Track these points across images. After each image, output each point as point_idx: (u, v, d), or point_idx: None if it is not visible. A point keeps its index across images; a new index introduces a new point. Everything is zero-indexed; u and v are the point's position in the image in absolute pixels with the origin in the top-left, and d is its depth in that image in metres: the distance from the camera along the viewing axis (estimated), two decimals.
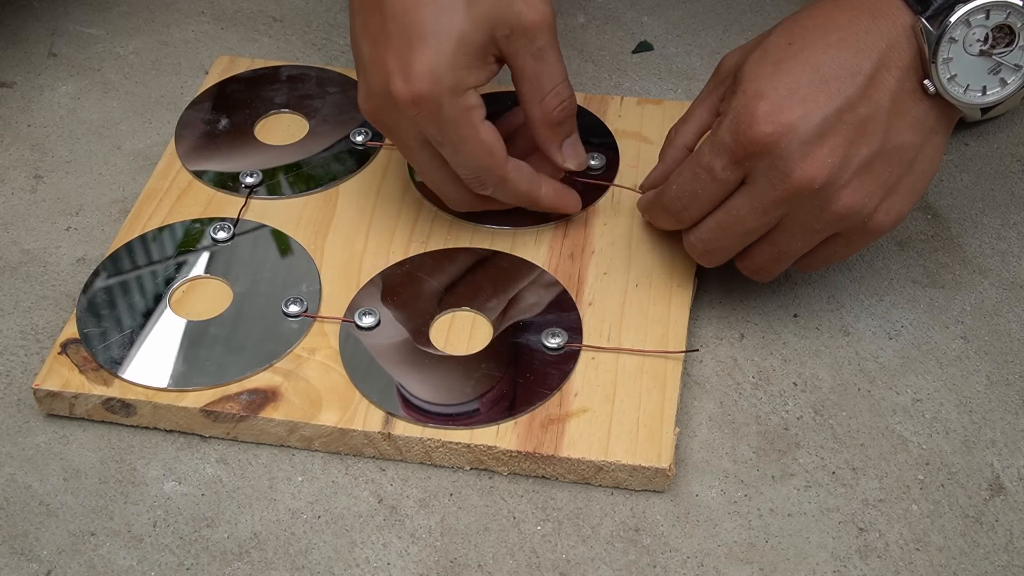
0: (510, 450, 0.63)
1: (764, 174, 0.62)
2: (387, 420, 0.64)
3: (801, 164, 0.61)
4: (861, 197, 0.62)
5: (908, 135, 0.62)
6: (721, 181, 0.63)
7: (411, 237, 0.73)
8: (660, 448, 0.63)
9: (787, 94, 0.61)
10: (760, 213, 0.63)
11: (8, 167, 0.80)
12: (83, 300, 0.69)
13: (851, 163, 0.61)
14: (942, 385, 0.68)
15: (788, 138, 0.61)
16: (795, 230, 0.64)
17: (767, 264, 0.67)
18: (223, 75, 0.83)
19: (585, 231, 0.73)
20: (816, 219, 0.63)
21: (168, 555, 0.61)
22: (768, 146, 0.61)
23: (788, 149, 0.61)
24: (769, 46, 0.63)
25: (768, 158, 0.61)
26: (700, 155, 0.64)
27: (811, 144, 0.61)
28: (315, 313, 0.69)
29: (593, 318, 0.69)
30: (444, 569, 0.61)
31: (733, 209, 0.64)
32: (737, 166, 0.62)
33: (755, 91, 0.61)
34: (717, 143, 0.63)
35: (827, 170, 0.61)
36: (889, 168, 0.62)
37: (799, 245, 0.65)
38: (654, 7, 0.92)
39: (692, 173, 0.65)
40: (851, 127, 0.61)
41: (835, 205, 0.62)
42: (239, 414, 0.65)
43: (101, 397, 0.65)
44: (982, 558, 0.61)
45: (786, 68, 0.61)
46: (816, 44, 0.61)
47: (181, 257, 0.72)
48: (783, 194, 0.62)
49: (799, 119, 0.60)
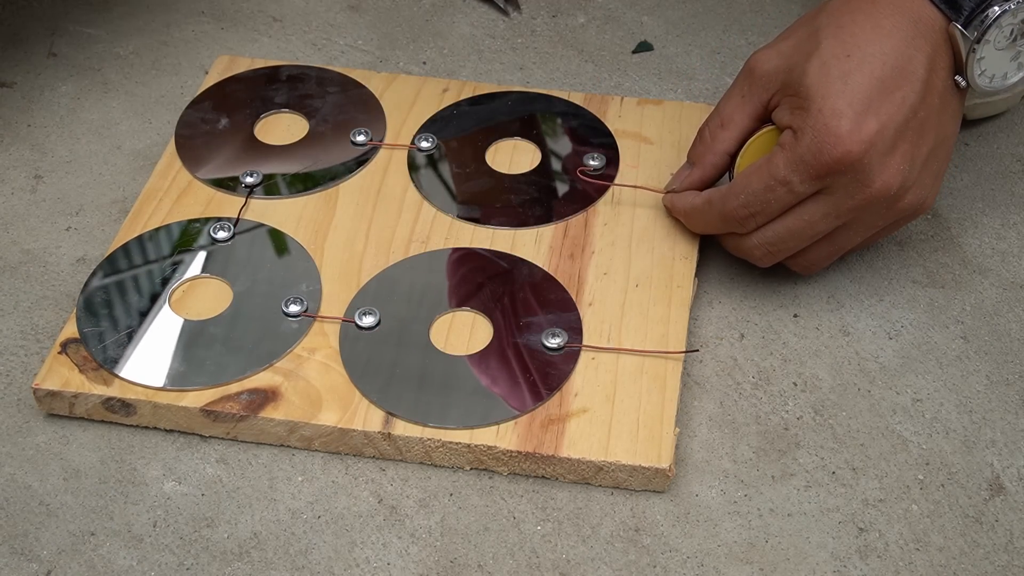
0: (510, 450, 0.63)
1: (844, 187, 0.65)
2: (387, 420, 0.64)
3: (881, 175, 0.64)
4: (922, 191, 0.67)
5: (950, 127, 0.67)
6: (797, 194, 0.66)
7: (411, 237, 0.73)
8: (660, 448, 0.63)
9: (862, 110, 0.63)
10: (833, 219, 0.66)
11: (8, 167, 0.80)
12: (83, 300, 0.69)
13: (916, 165, 0.65)
14: (942, 385, 0.68)
15: (870, 153, 0.63)
16: (859, 228, 0.67)
17: (822, 260, 0.70)
18: (223, 75, 0.83)
19: (585, 231, 0.73)
20: (881, 217, 0.67)
21: (168, 555, 0.61)
22: (852, 163, 0.64)
23: (870, 163, 0.64)
24: (827, 57, 0.64)
25: (851, 173, 0.64)
26: (774, 168, 0.65)
27: (888, 155, 0.64)
28: (315, 313, 0.69)
29: (593, 318, 0.69)
30: (444, 569, 0.61)
31: (806, 215, 0.66)
32: (817, 181, 0.65)
33: (832, 109, 0.63)
34: (796, 160, 0.64)
35: (901, 176, 0.65)
36: (938, 159, 0.67)
37: (857, 239, 0.69)
38: (654, 7, 0.92)
39: (765, 185, 0.66)
40: (914, 131, 0.64)
41: (901, 203, 0.66)
42: (239, 414, 0.65)
43: (101, 397, 0.65)
44: (982, 558, 0.61)
45: (854, 82, 0.64)
46: (874, 55, 0.64)
47: (181, 257, 0.72)
48: (861, 203, 0.65)
49: (876, 134, 0.63)
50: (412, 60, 0.88)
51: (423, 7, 0.92)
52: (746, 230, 0.68)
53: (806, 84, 0.64)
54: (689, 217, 0.71)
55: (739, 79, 0.69)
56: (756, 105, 0.68)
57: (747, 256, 0.70)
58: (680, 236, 0.73)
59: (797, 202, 0.66)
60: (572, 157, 0.77)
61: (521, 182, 0.76)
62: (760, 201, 0.67)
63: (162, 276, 0.71)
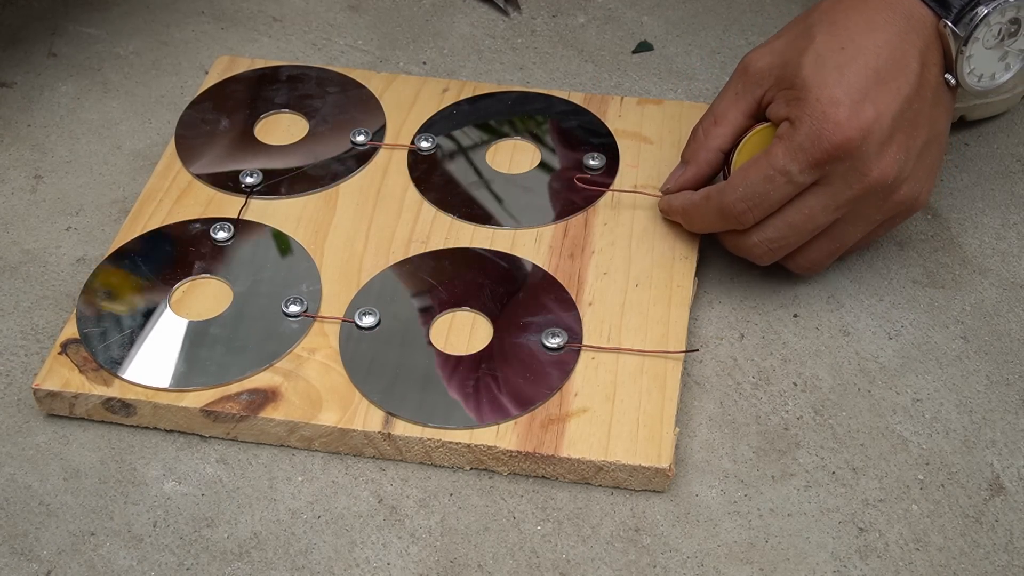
0: (510, 450, 0.63)
1: (842, 176, 0.65)
2: (387, 420, 0.64)
3: (878, 163, 0.65)
4: (917, 184, 0.67)
5: (942, 123, 0.67)
6: (797, 184, 0.66)
7: (411, 237, 0.73)
8: (660, 448, 0.63)
9: (859, 98, 0.64)
10: (832, 211, 0.66)
11: (8, 167, 0.80)
12: (83, 300, 0.69)
13: (911, 157, 0.66)
14: (942, 385, 0.68)
15: (868, 140, 0.64)
16: (856, 222, 0.68)
17: (823, 258, 0.70)
18: (223, 75, 0.83)
19: (585, 231, 0.73)
20: (877, 209, 0.67)
21: (168, 555, 0.61)
22: (851, 150, 0.64)
23: (868, 151, 0.64)
24: (822, 50, 0.65)
25: (849, 160, 0.64)
26: (773, 159, 0.66)
27: (885, 143, 0.64)
28: (315, 313, 0.69)
29: (593, 318, 0.69)
30: (444, 569, 0.61)
31: (805, 208, 0.67)
32: (816, 169, 0.65)
33: (829, 97, 0.64)
34: (796, 148, 0.65)
35: (897, 166, 0.65)
36: (933, 154, 0.67)
37: (856, 235, 0.69)
38: (654, 7, 0.92)
39: (764, 175, 0.66)
40: (909, 122, 0.65)
41: (897, 195, 0.66)
42: (239, 414, 0.65)
43: (101, 397, 0.65)
44: (982, 558, 0.61)
45: (851, 72, 0.64)
46: (868, 47, 0.64)
47: (180, 257, 0.72)
48: (858, 192, 0.65)
49: (874, 121, 0.64)
50: (412, 60, 0.88)
51: (423, 7, 0.92)
52: (744, 225, 0.68)
53: (802, 76, 0.65)
54: (687, 215, 0.71)
55: (733, 78, 0.70)
56: (750, 102, 0.69)
57: (747, 254, 0.70)
58: (680, 236, 0.73)
59: (796, 194, 0.66)
60: (572, 157, 0.77)
61: (521, 182, 0.76)
62: (759, 193, 0.66)
63: (161, 277, 0.71)
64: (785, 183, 0.66)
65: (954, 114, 0.80)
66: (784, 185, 0.66)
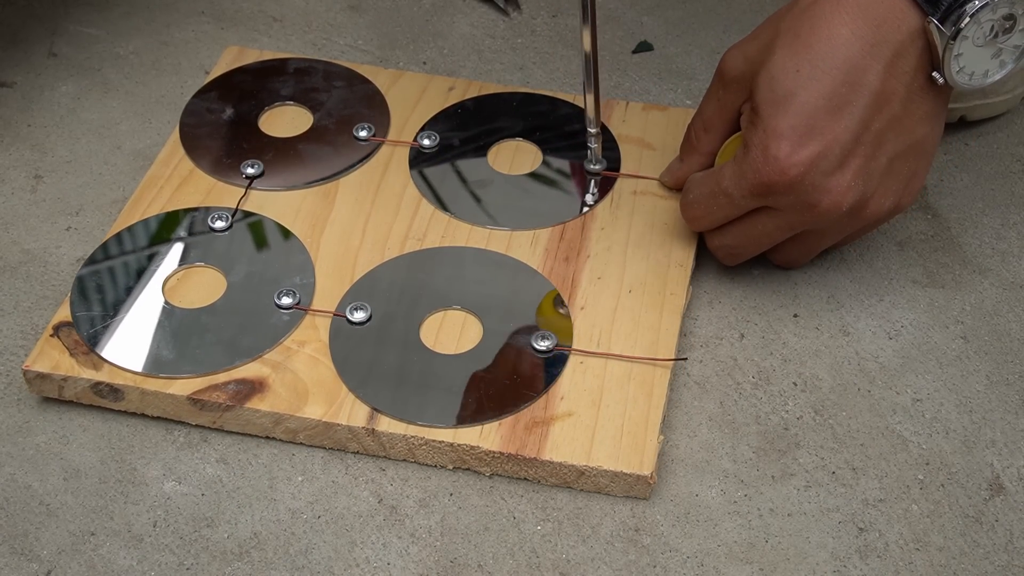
0: (493, 451, 0.63)
1: (791, 205, 0.64)
2: (372, 416, 0.64)
3: (827, 195, 0.63)
4: (888, 198, 0.65)
5: (921, 129, 0.64)
6: (739, 207, 0.66)
7: (407, 234, 0.73)
8: (643, 455, 0.63)
9: (805, 131, 0.62)
10: (787, 230, 0.66)
11: (8, 167, 0.80)
12: (77, 284, 0.69)
13: (874, 177, 0.64)
14: (942, 385, 0.68)
15: (811, 174, 0.62)
16: (825, 235, 0.68)
17: (799, 258, 0.71)
18: (231, 66, 0.83)
19: (582, 235, 0.73)
20: (845, 225, 0.66)
21: (168, 555, 0.61)
22: (791, 186, 0.63)
23: (812, 184, 0.63)
24: (776, 72, 0.63)
25: (792, 194, 0.63)
26: (720, 177, 0.66)
27: (834, 174, 0.63)
28: (307, 306, 0.69)
29: (584, 322, 0.69)
30: (444, 569, 0.61)
31: (759, 225, 0.67)
32: (756, 199, 0.65)
33: (773, 129, 0.63)
34: (739, 175, 0.64)
35: (852, 194, 0.63)
36: (907, 164, 0.65)
37: (828, 242, 0.69)
38: (654, 7, 0.92)
39: (710, 191, 0.67)
40: (868, 145, 0.63)
41: (864, 212, 0.65)
42: (225, 403, 0.64)
43: (90, 381, 0.65)
44: (982, 558, 0.61)
45: (800, 101, 0.62)
46: (825, 70, 0.62)
47: (177, 245, 0.72)
48: (810, 219, 0.65)
49: (819, 155, 0.62)
50: (412, 60, 0.88)
51: (423, 7, 0.92)
52: (700, 229, 0.70)
53: (756, 99, 0.64)
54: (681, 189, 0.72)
55: (714, 80, 0.69)
56: (731, 111, 0.69)
57: (713, 254, 0.71)
58: (676, 243, 0.72)
59: (741, 214, 0.66)
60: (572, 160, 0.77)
61: (521, 183, 0.76)
62: (705, 205, 0.67)
63: (156, 263, 0.71)
64: (727, 203, 0.66)
65: (954, 114, 0.80)
66: (726, 206, 0.66)
